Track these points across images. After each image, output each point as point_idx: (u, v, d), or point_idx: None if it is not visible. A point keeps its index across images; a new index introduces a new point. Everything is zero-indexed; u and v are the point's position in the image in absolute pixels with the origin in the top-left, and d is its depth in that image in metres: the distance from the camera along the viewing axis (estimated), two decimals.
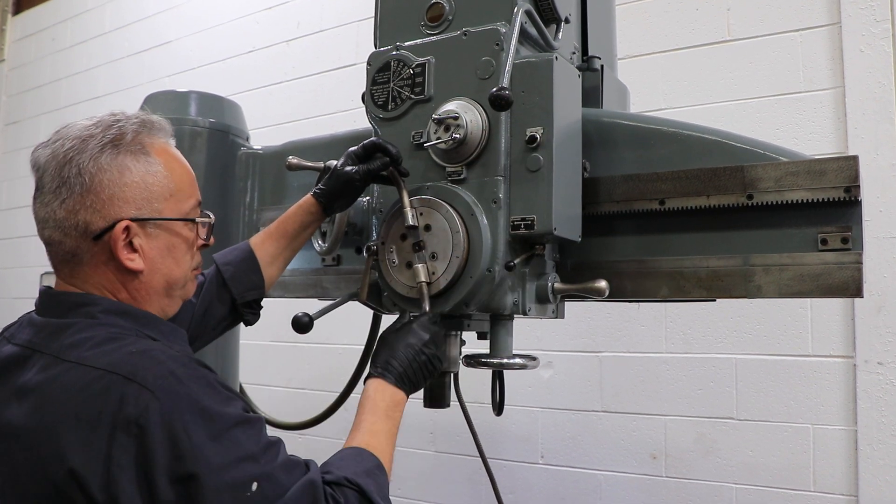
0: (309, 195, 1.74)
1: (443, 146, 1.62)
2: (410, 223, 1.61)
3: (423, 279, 1.60)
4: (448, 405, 1.87)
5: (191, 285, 1.49)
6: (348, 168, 1.68)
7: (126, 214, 1.31)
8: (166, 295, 1.41)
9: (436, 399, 1.85)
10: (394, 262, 1.67)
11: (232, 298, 1.76)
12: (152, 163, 1.36)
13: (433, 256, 1.62)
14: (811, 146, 2.83)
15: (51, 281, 2.42)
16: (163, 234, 1.37)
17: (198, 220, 1.44)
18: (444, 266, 1.60)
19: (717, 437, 3.01)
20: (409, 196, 1.65)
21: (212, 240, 1.52)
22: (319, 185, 1.73)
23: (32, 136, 5.82)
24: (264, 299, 2.41)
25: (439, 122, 1.63)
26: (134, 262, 1.33)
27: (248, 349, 2.63)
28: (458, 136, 1.60)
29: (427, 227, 1.63)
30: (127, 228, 1.31)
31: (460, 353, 1.84)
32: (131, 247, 1.33)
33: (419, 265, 1.61)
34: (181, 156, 1.46)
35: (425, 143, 1.67)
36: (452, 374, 1.84)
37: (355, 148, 1.70)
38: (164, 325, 1.41)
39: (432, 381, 1.73)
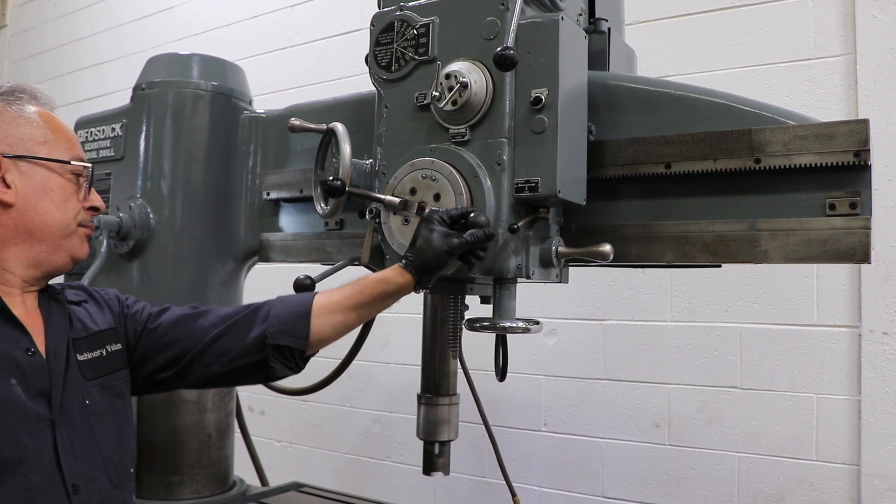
0: (398, 265, 1.59)
1: (446, 106, 1.60)
2: (398, 202, 1.62)
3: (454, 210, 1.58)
4: (448, 473, 1.89)
5: (76, 241, 1.54)
6: (446, 239, 1.53)
7: None
8: (40, 238, 1.48)
9: (437, 468, 1.88)
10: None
11: (263, 334, 1.62)
12: (28, 110, 1.49)
13: (437, 198, 1.61)
14: (821, 114, 2.77)
15: None
16: (38, 173, 1.47)
17: (73, 162, 1.52)
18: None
19: (721, 406, 3.01)
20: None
21: (101, 204, 1.59)
22: (406, 254, 1.58)
23: None
24: (268, 264, 2.40)
25: (443, 82, 1.61)
26: (6, 195, 1.43)
27: None
28: (462, 95, 1.58)
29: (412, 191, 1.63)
30: None
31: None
32: (4, 182, 1.43)
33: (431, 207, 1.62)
34: (64, 124, 1.56)
35: (429, 102, 1.65)
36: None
37: (440, 213, 1.56)
38: None
39: (433, 452, 1.84)
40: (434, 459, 1.86)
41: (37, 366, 1.43)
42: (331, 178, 1.64)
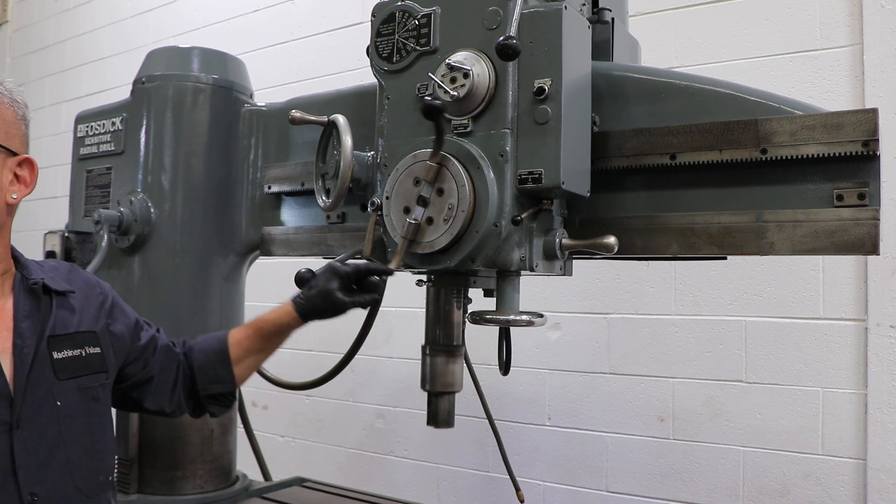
0: (289, 301, 1.73)
1: (448, 98, 1.58)
2: (428, 170, 1.59)
3: (402, 235, 1.60)
4: (452, 425, 1.87)
5: None
6: (339, 295, 1.65)
7: None
8: None
9: (440, 421, 1.85)
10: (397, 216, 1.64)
11: (195, 388, 1.78)
12: None
13: (429, 221, 1.60)
14: (827, 105, 2.72)
15: (53, 240, 2.41)
16: None
17: None
18: (449, 220, 1.57)
19: (726, 400, 2.99)
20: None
21: None
22: (301, 296, 1.71)
23: (38, 97, 5.78)
24: (270, 258, 2.39)
25: (445, 73, 1.59)
26: None
27: (253, 311, 2.61)
28: (464, 85, 1.56)
29: (440, 192, 1.60)
30: None
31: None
32: None
33: (410, 220, 1.59)
34: None
35: (429, 95, 1.63)
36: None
37: (347, 268, 1.66)
38: None
39: (437, 403, 1.83)
40: (438, 412, 1.84)
41: None
42: (429, 95, 1.61)
